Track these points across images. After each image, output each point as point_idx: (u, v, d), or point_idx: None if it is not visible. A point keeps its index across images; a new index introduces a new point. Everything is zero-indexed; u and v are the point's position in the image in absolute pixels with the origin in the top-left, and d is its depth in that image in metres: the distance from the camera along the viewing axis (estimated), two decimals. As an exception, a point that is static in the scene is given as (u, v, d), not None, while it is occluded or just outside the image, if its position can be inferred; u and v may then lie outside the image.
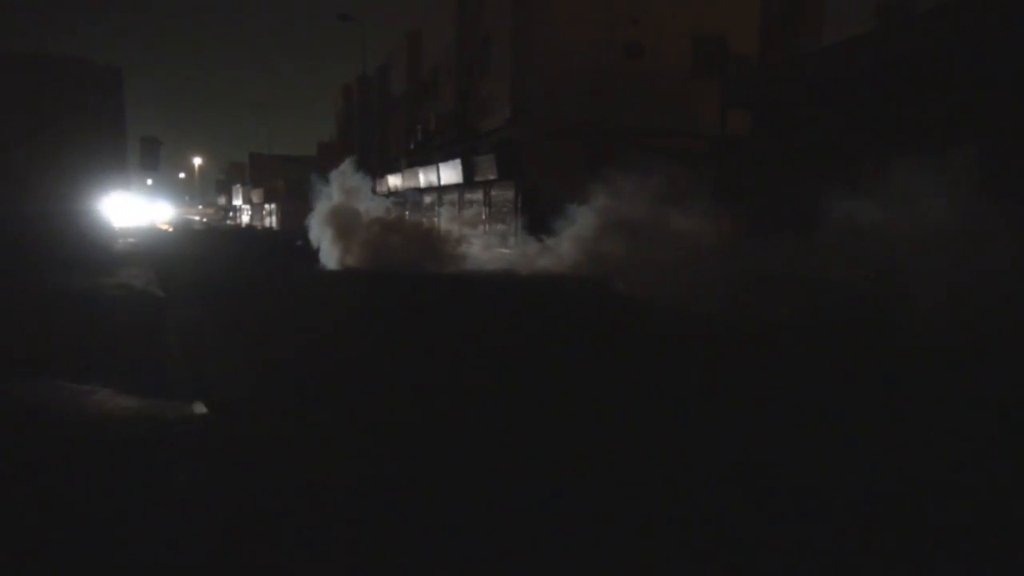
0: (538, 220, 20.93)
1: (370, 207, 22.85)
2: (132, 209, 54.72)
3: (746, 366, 8.08)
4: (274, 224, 62.71)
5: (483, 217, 28.14)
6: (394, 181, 37.76)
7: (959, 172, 10.20)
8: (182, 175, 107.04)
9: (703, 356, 8.60)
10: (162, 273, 18.77)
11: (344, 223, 22.50)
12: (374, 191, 24.87)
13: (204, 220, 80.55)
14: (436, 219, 26.54)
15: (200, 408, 5.79)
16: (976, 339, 8.02)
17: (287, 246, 26.68)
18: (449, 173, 29.18)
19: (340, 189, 23.23)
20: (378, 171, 38.80)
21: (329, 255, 22.23)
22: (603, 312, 12.61)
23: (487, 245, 27.43)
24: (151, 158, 61.42)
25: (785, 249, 12.63)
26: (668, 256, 15.26)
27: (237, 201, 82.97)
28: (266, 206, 67.50)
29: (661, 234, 16.45)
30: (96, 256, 22.62)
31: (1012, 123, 12.07)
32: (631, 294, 13.73)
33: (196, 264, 22.09)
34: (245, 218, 79.26)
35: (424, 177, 32.52)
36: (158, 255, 26.19)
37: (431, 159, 31.45)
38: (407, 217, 26.41)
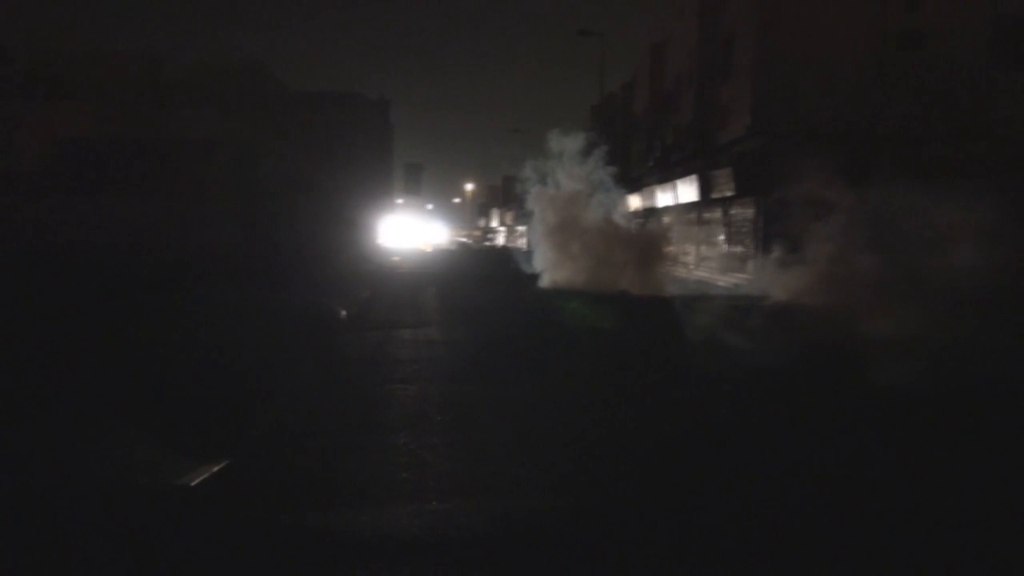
0: (783, 242, 17.87)
1: (597, 209, 20.04)
2: (406, 231, 58.88)
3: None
4: (525, 245, 63.94)
5: (722, 238, 25.33)
6: (634, 202, 35.98)
7: None
8: (457, 199, 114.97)
9: None
10: (379, 291, 18.87)
11: (561, 220, 19.65)
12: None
13: (468, 241, 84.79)
14: (672, 239, 24.11)
15: (204, 473, 4.53)
16: None
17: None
18: (686, 191, 26.78)
19: (566, 174, 20.09)
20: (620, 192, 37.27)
21: (543, 266, 20.24)
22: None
23: (725, 268, 24.57)
24: (414, 183, 66.21)
25: None
26: (950, 297, 11.75)
27: (494, 223, 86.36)
28: (518, 228, 69.19)
29: (943, 264, 12.89)
30: (352, 273, 23.55)
31: None
32: (897, 339, 10.48)
33: (416, 283, 22.04)
34: (501, 239, 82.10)
35: (661, 196, 30.36)
36: (396, 274, 26.96)
37: (669, 176, 29.23)
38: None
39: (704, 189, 24.73)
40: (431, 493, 4.46)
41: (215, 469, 4.68)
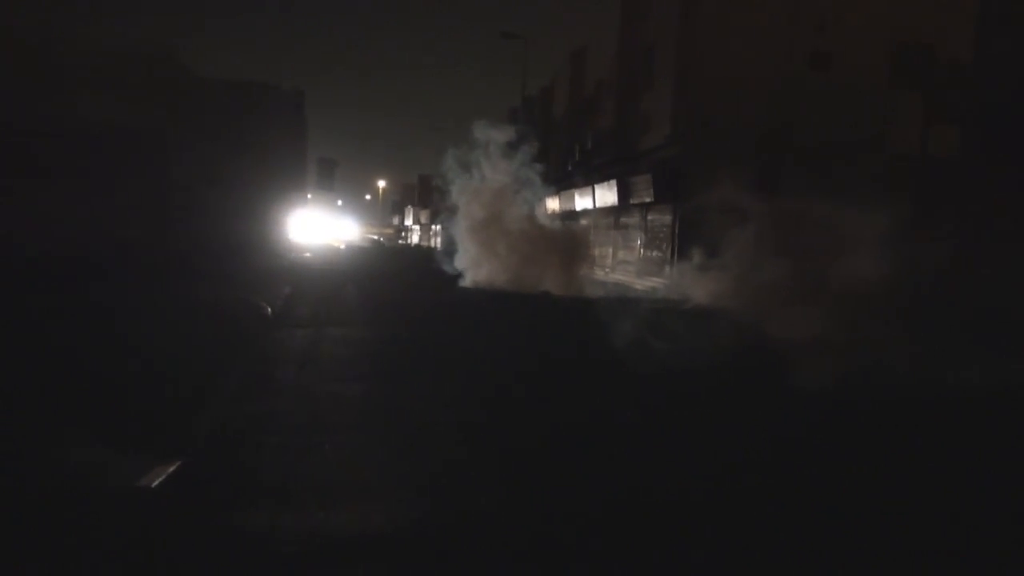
0: (698, 247, 18.56)
1: (522, 206, 20.25)
2: (316, 227, 57.58)
3: None
4: (440, 244, 63.68)
5: (639, 243, 26.04)
6: (552, 204, 36.46)
7: None
8: (368, 197, 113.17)
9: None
10: (298, 288, 18.44)
11: (487, 215, 19.67)
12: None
13: (380, 239, 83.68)
14: (591, 243, 24.64)
15: (161, 475, 4.38)
16: None
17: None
18: (605, 195, 27.36)
19: (492, 167, 19.94)
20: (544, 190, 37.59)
21: (465, 264, 20.33)
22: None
23: (642, 272, 25.26)
24: (327, 178, 64.79)
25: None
26: (855, 300, 12.51)
27: (408, 221, 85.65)
28: (433, 227, 68.82)
29: (846, 271, 13.69)
30: (267, 269, 22.90)
31: None
32: (807, 340, 11.07)
33: (334, 280, 21.68)
34: (415, 238, 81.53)
35: (580, 200, 30.90)
36: (310, 270, 26.40)
37: (588, 180, 29.79)
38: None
39: (623, 194, 25.33)
40: (400, 492, 4.46)
41: (171, 470, 4.52)
